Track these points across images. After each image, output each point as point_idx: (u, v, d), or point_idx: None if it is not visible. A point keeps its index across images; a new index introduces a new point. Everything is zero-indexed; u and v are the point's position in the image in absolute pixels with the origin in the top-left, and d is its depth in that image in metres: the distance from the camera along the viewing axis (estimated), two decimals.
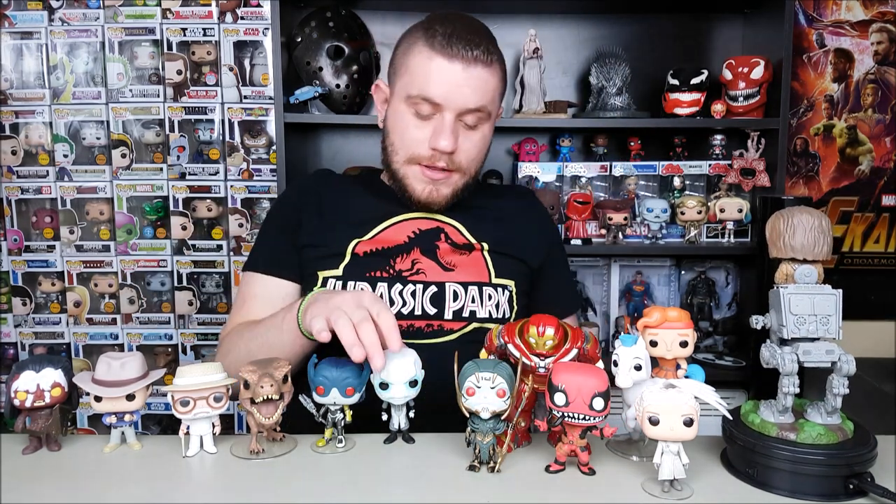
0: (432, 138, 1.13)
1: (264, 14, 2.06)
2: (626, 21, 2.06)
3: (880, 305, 2.14)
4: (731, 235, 1.87)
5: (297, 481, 0.87)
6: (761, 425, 0.86)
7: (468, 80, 1.10)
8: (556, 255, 1.33)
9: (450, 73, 1.10)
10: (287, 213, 1.26)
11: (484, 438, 0.87)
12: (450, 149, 1.12)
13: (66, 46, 2.07)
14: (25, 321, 2.17)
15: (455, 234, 1.23)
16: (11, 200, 2.12)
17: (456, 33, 1.10)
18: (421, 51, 1.12)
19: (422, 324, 1.14)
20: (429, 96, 1.11)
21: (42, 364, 0.93)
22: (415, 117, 1.14)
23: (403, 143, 1.16)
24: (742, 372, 1.85)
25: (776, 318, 0.86)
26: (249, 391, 0.89)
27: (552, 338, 0.90)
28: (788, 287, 0.86)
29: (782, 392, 0.85)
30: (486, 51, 1.11)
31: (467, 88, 1.11)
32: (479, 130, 1.17)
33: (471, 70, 1.10)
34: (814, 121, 2.11)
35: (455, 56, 1.09)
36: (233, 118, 2.10)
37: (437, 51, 1.10)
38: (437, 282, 1.17)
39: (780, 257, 0.88)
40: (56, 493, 0.84)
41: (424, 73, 1.11)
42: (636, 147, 1.99)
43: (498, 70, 1.16)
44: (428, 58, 1.11)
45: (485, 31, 1.16)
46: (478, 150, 1.19)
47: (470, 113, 1.13)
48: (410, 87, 1.13)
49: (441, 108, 1.12)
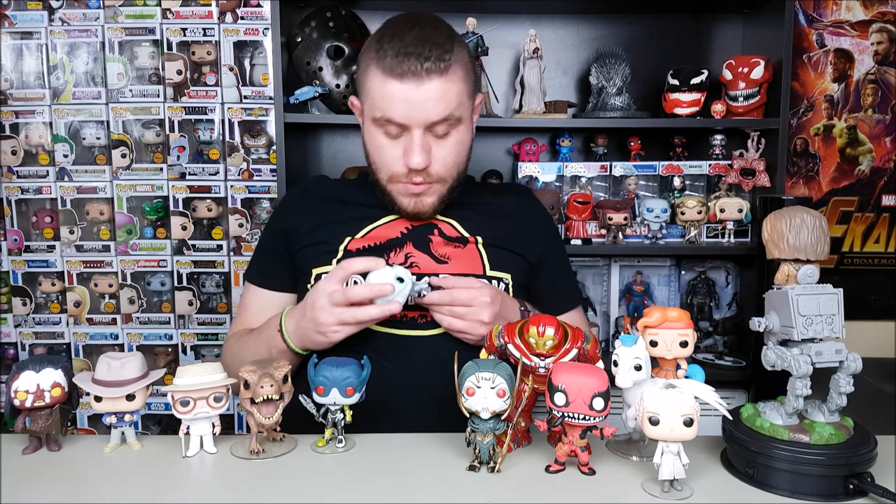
0: (404, 157, 1.12)
1: (264, 14, 2.06)
2: (626, 21, 2.06)
3: (880, 305, 2.14)
4: (731, 235, 1.87)
5: (297, 481, 0.87)
6: (771, 429, 0.85)
7: (426, 95, 1.08)
8: (555, 250, 1.33)
9: (404, 92, 1.08)
10: (282, 222, 1.29)
11: (484, 438, 0.87)
12: (421, 166, 1.12)
13: (66, 46, 2.07)
14: (25, 321, 2.17)
15: (449, 229, 1.23)
16: (11, 200, 2.12)
17: (404, 49, 1.07)
18: (375, 74, 1.10)
19: (415, 314, 1.15)
20: (391, 118, 1.10)
21: (42, 364, 0.94)
22: (384, 137, 1.14)
23: (382, 162, 1.17)
24: (742, 372, 1.85)
25: (778, 319, 0.86)
26: (249, 391, 0.90)
27: (552, 338, 0.90)
28: (795, 288, 0.85)
29: (794, 395, 0.84)
30: (439, 59, 1.08)
31: (428, 103, 1.09)
32: (453, 136, 1.15)
33: (425, 85, 1.08)
34: (814, 121, 2.11)
35: (406, 74, 1.07)
36: (233, 118, 2.10)
37: (388, 73, 1.08)
38: (430, 273, 1.18)
39: (783, 258, 0.87)
40: (56, 493, 0.84)
41: (382, 97, 1.10)
42: (636, 147, 1.99)
43: (458, 71, 1.12)
44: (382, 81, 1.09)
45: (439, 33, 1.12)
46: (454, 156, 1.17)
47: (437, 124, 1.11)
48: (374, 110, 1.13)
49: (406, 127, 1.11)
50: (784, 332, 0.86)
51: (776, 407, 0.87)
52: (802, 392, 0.84)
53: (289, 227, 1.26)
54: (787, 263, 0.87)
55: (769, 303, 0.88)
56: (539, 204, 1.39)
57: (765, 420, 0.87)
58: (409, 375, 1.12)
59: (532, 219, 1.32)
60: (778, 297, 0.86)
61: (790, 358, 0.84)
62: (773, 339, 0.88)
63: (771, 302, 0.88)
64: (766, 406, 0.89)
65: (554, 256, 1.32)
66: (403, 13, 1.19)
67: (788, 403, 0.86)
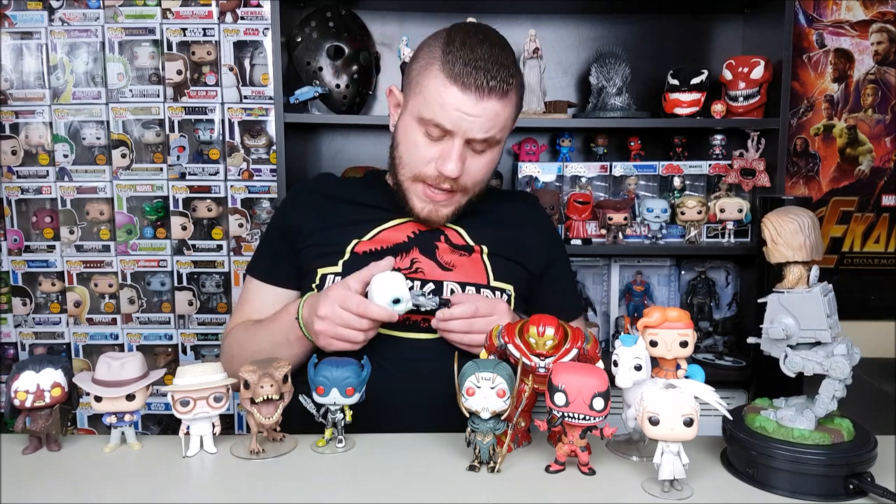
0: (439, 161, 1.12)
1: (264, 14, 2.06)
2: (626, 21, 2.06)
3: (880, 305, 2.14)
4: (731, 235, 1.87)
5: (297, 481, 0.87)
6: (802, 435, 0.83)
7: (482, 112, 1.09)
8: (558, 260, 1.33)
9: (463, 103, 1.08)
10: (288, 218, 1.28)
11: (484, 438, 0.87)
12: (455, 174, 1.12)
13: (66, 46, 2.07)
14: (25, 321, 2.17)
15: (455, 236, 1.23)
16: (11, 200, 2.12)
17: (474, 62, 1.07)
18: (437, 75, 1.09)
19: (418, 318, 1.15)
20: (440, 123, 1.10)
21: (42, 364, 0.94)
22: (424, 136, 1.13)
23: (411, 159, 1.16)
24: (742, 372, 1.85)
25: (797, 322, 0.83)
26: (249, 391, 0.90)
27: (552, 338, 0.91)
28: (815, 289, 0.83)
29: (831, 397, 0.83)
30: (504, 81, 1.09)
31: (480, 119, 1.09)
32: (488, 154, 1.16)
33: (485, 103, 1.08)
34: (814, 121, 2.11)
35: (470, 87, 1.07)
36: (233, 118, 2.10)
37: (453, 79, 1.08)
38: (435, 280, 1.18)
39: (798, 260, 0.84)
40: (56, 493, 0.84)
41: (438, 100, 1.09)
42: (636, 147, 1.99)
43: (514, 97, 1.14)
44: (443, 85, 1.08)
45: (507, 53, 1.13)
46: (484, 173, 1.18)
47: (480, 142, 1.12)
48: (423, 110, 1.11)
49: (451, 133, 1.11)
50: (805, 336, 0.83)
51: (800, 410, 0.85)
52: (841, 394, 0.83)
53: (294, 225, 1.25)
54: (798, 265, 0.85)
55: (782, 307, 0.85)
56: (544, 212, 1.39)
57: (798, 430, 0.84)
58: (409, 376, 1.12)
59: (537, 228, 1.32)
60: (799, 300, 0.84)
61: (829, 361, 0.82)
62: (782, 343, 0.86)
63: (785, 306, 0.84)
64: (785, 413, 0.86)
65: (557, 266, 1.32)
66: (471, 23, 1.19)
67: (821, 406, 0.84)
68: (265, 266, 1.28)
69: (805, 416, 0.85)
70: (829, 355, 0.83)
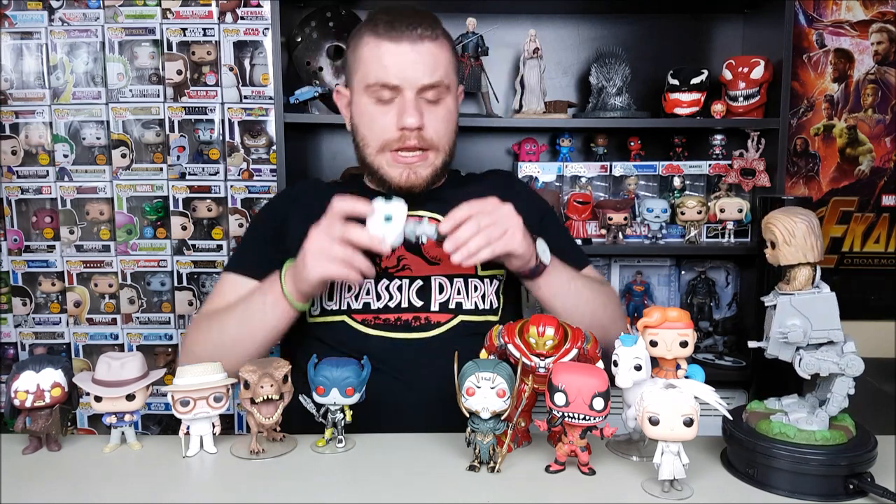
0: (398, 119, 1.14)
1: (264, 14, 2.06)
2: (626, 21, 2.06)
3: (880, 305, 2.14)
4: (731, 235, 1.87)
5: (297, 481, 0.87)
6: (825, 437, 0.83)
7: (419, 57, 1.13)
8: (546, 219, 1.31)
9: (399, 53, 1.13)
10: (273, 220, 1.28)
11: (484, 438, 0.87)
12: (416, 124, 1.13)
13: (66, 46, 2.07)
14: (25, 321, 2.17)
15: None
16: (11, 200, 2.12)
17: (398, 16, 1.14)
18: (368, 41, 1.15)
19: (409, 317, 1.15)
20: (385, 81, 1.13)
21: (42, 364, 0.93)
22: (377, 104, 1.16)
23: (372, 132, 1.18)
24: (742, 372, 1.85)
25: (808, 324, 0.83)
26: (249, 391, 0.90)
27: (552, 338, 0.90)
28: (825, 289, 0.83)
29: (844, 395, 0.83)
30: (431, 28, 1.14)
31: (420, 65, 1.13)
32: (442, 105, 1.18)
33: (419, 47, 1.13)
34: (814, 121, 2.11)
35: (401, 37, 1.12)
36: (233, 118, 2.10)
37: (383, 36, 1.13)
38: (422, 276, 1.18)
39: (808, 261, 0.83)
40: (56, 493, 0.84)
41: (376, 60, 1.14)
42: (636, 147, 1.99)
43: (446, 45, 1.18)
44: (376, 45, 1.14)
45: (427, 13, 1.18)
46: (445, 125, 1.19)
47: (428, 89, 1.15)
48: (367, 77, 1.15)
49: (399, 89, 1.14)
50: (816, 337, 0.83)
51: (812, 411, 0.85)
52: (852, 391, 0.83)
53: (280, 227, 1.25)
54: (807, 266, 0.84)
55: (794, 309, 0.83)
56: (522, 183, 1.40)
57: (810, 432, 0.83)
58: (409, 376, 1.13)
59: (515, 195, 1.29)
60: (811, 301, 0.83)
61: (845, 359, 0.82)
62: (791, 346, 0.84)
63: (797, 308, 0.83)
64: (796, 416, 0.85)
65: (547, 225, 1.29)
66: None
67: (835, 405, 0.84)
68: (249, 262, 1.25)
69: (819, 417, 0.84)
70: (841, 353, 0.83)
